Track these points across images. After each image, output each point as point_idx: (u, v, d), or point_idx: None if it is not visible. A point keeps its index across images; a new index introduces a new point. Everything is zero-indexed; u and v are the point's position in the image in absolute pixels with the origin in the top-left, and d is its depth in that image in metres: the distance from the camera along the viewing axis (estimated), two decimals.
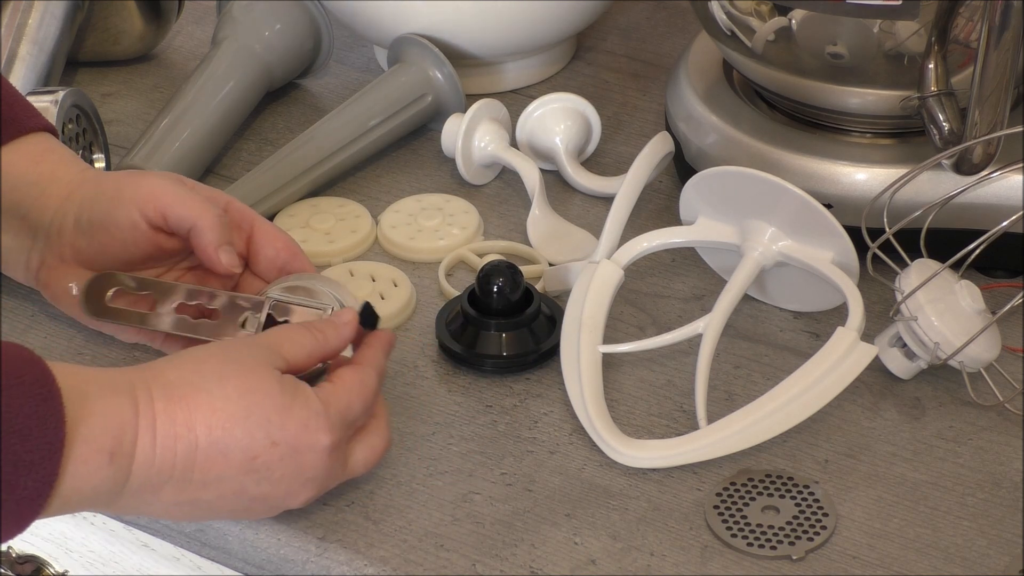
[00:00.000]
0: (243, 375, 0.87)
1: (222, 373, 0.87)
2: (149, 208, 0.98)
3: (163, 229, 0.99)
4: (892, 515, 0.93)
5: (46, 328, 1.07)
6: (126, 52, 1.34)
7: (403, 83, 1.23)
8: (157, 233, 0.99)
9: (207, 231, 0.98)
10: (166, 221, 0.98)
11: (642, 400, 1.01)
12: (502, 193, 1.19)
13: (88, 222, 0.99)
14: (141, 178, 1.00)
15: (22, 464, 0.79)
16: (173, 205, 0.98)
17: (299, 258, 1.03)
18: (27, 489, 0.80)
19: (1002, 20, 0.97)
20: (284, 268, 1.02)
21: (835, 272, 1.01)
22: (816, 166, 1.08)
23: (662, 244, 1.06)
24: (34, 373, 0.81)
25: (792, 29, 1.06)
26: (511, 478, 0.96)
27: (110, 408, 0.84)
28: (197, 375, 0.87)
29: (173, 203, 0.98)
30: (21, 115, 1.03)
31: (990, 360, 0.98)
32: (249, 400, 0.87)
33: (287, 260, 1.02)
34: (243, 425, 0.86)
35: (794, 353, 1.03)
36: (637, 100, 1.30)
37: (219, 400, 0.86)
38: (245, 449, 0.86)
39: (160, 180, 1.00)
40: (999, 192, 1.05)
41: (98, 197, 0.99)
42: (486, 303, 1.03)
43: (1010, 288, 1.07)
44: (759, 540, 0.91)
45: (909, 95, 1.04)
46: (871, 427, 0.99)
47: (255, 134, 1.26)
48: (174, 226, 0.98)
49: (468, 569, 0.90)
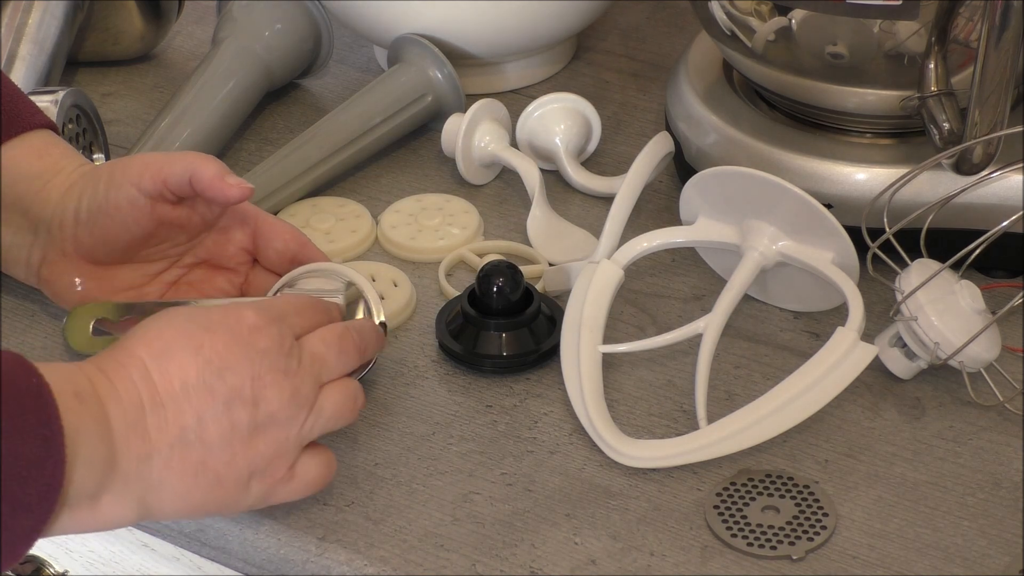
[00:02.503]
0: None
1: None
2: (145, 180, 0.98)
3: (164, 198, 0.99)
4: (892, 515, 0.93)
5: (46, 328, 1.07)
6: (126, 52, 1.34)
7: (403, 83, 1.23)
8: (158, 205, 0.99)
9: (206, 167, 0.97)
10: (165, 184, 0.98)
11: (642, 400, 1.01)
12: (502, 193, 1.19)
13: (87, 210, 0.99)
14: (131, 158, 1.00)
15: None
16: (166, 165, 0.98)
17: (308, 248, 1.03)
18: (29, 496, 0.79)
19: (1002, 20, 0.97)
20: (295, 259, 1.03)
21: (835, 272, 1.01)
22: (816, 166, 1.08)
23: (662, 244, 1.06)
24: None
25: (792, 29, 1.06)
26: (511, 478, 0.96)
27: (56, 368, 0.83)
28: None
29: (164, 164, 0.98)
30: (24, 112, 1.03)
31: (990, 360, 0.98)
32: (170, 317, 0.87)
33: (296, 251, 1.03)
34: (173, 327, 0.87)
35: (794, 353, 1.03)
36: (637, 100, 1.30)
37: (148, 334, 0.87)
38: (185, 340, 0.86)
39: (148, 154, 1.01)
40: (999, 192, 1.05)
41: (94, 185, 0.99)
42: (486, 303, 1.03)
43: (1010, 288, 1.07)
44: (759, 540, 0.91)
45: (909, 95, 1.04)
46: (871, 427, 0.99)
47: (255, 134, 1.26)
48: (174, 185, 0.98)
49: (468, 569, 0.90)
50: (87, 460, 0.82)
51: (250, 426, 0.87)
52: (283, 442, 0.88)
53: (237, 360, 0.87)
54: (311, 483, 0.91)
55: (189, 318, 0.88)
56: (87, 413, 0.82)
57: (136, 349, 0.86)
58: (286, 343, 0.89)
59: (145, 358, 0.86)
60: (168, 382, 0.85)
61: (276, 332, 0.89)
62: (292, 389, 0.88)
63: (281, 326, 0.89)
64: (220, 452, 0.86)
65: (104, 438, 0.83)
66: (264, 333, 0.88)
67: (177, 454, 0.85)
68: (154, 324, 0.87)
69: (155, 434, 0.85)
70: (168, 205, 0.99)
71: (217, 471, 0.87)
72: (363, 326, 0.95)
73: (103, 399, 0.84)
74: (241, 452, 0.87)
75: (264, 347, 0.88)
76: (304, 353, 0.90)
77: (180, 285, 1.04)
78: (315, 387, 0.90)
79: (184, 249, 1.03)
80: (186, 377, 0.86)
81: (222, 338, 0.87)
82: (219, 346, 0.87)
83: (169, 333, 0.87)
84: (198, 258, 1.04)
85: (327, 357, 0.91)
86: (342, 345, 0.92)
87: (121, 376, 0.85)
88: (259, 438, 0.88)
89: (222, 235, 1.04)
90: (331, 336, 0.92)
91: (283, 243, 1.03)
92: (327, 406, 0.90)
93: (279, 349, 0.88)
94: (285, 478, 0.89)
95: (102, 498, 0.84)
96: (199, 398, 0.86)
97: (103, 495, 0.84)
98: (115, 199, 0.98)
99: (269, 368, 0.88)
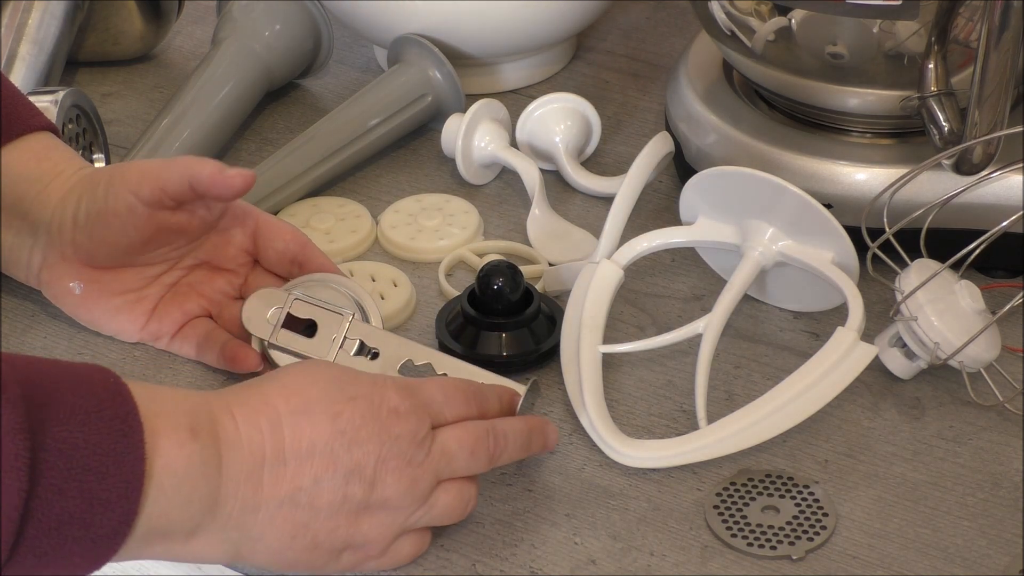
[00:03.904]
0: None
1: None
2: (144, 188, 0.97)
3: (163, 205, 0.98)
4: (892, 515, 0.93)
5: (46, 328, 1.07)
6: (126, 52, 1.34)
7: (403, 83, 1.23)
8: (157, 211, 0.98)
9: (203, 167, 0.97)
10: (164, 191, 0.97)
11: (642, 400, 1.01)
12: (502, 193, 1.19)
13: (85, 215, 0.99)
14: (129, 165, 1.00)
15: (98, 499, 0.78)
16: (163, 171, 0.97)
17: (308, 248, 1.03)
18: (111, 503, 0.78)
19: (1002, 20, 0.97)
20: (295, 260, 1.03)
21: (835, 272, 1.01)
22: (816, 166, 1.08)
23: (662, 244, 1.06)
24: (115, 403, 0.80)
25: (792, 29, 1.06)
26: (511, 478, 0.96)
27: (180, 397, 0.84)
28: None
29: (162, 171, 0.97)
30: (24, 114, 1.03)
31: (990, 360, 0.98)
32: (314, 374, 0.87)
33: (297, 252, 1.03)
34: (317, 387, 0.86)
35: (794, 353, 1.03)
36: (637, 100, 1.30)
37: (289, 386, 0.86)
38: (326, 405, 0.85)
39: (145, 162, 1.00)
40: (999, 192, 1.05)
41: (92, 190, 0.99)
42: (486, 303, 1.03)
43: (1010, 288, 1.07)
44: (759, 540, 0.91)
45: (909, 95, 1.04)
46: (871, 427, 0.99)
47: (255, 134, 1.26)
48: (173, 192, 0.97)
49: (468, 569, 0.90)
50: (185, 496, 0.81)
51: (361, 504, 0.86)
52: (387, 526, 0.88)
53: (368, 438, 0.86)
54: (400, 560, 0.90)
55: (334, 381, 0.87)
56: (197, 450, 0.81)
57: (274, 399, 0.85)
58: (420, 434, 0.87)
59: (282, 411, 0.85)
60: (297, 440, 0.85)
61: (414, 421, 0.87)
62: (411, 480, 0.87)
63: (421, 415, 0.88)
64: (325, 520, 0.86)
65: (209, 479, 0.82)
66: (402, 419, 0.87)
67: (284, 512, 0.85)
68: (298, 378, 0.87)
69: (268, 487, 0.84)
70: (167, 211, 0.99)
71: (316, 536, 0.86)
72: (509, 430, 0.92)
73: (220, 440, 0.83)
74: (344, 525, 0.86)
75: (398, 433, 0.87)
76: (435, 446, 0.88)
77: (180, 286, 1.04)
78: (434, 482, 0.88)
79: (184, 251, 1.03)
80: (316, 440, 0.85)
81: (361, 412, 0.86)
82: (356, 419, 0.86)
83: (312, 393, 0.86)
84: (198, 260, 1.04)
85: (456, 457, 0.89)
86: (476, 448, 0.89)
87: (251, 422, 0.84)
88: (366, 517, 0.87)
89: (222, 236, 1.03)
90: (468, 438, 0.89)
91: (283, 243, 1.03)
92: (439, 504, 0.89)
93: (411, 438, 0.87)
94: (377, 555, 0.88)
95: (197, 535, 0.83)
96: (322, 463, 0.85)
97: (199, 532, 0.83)
98: (114, 206, 0.98)
99: (396, 454, 0.86)
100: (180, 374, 1.03)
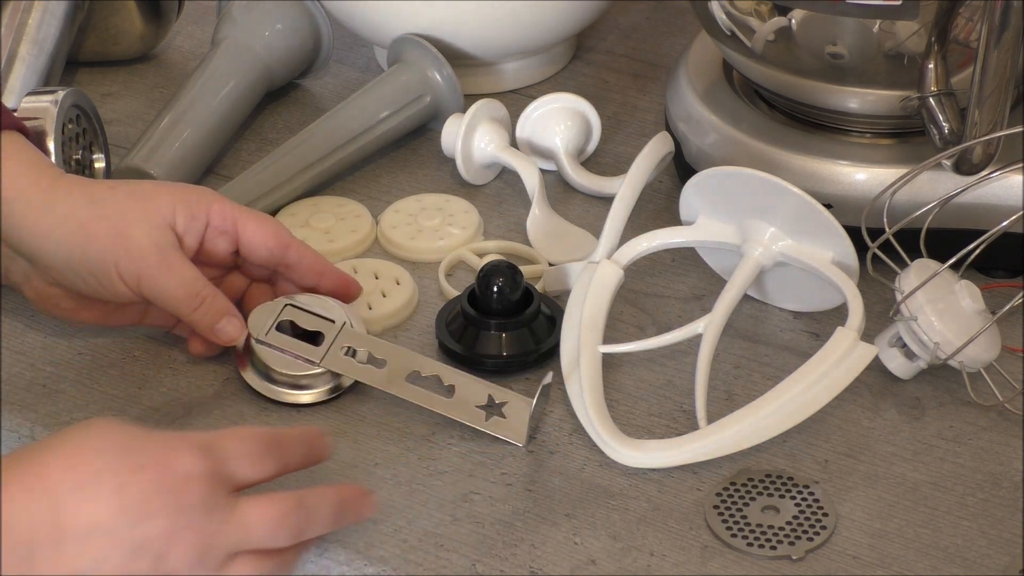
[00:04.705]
0: None
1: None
2: (131, 283, 0.98)
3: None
4: (892, 515, 0.93)
5: (46, 328, 1.07)
6: (126, 52, 1.34)
7: (402, 83, 1.23)
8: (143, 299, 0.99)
9: (188, 315, 0.98)
10: (157, 301, 0.98)
11: (642, 400, 1.01)
12: (502, 193, 1.19)
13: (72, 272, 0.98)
14: (125, 240, 0.98)
15: None
16: (152, 280, 0.97)
17: (292, 247, 1.02)
18: None
19: (1002, 20, 0.97)
20: (280, 262, 1.02)
21: (835, 272, 1.01)
22: (816, 166, 1.08)
23: (662, 244, 1.06)
24: None
25: (792, 29, 1.06)
26: (511, 478, 0.96)
27: None
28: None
29: (153, 279, 0.97)
30: None
31: (990, 360, 0.98)
32: (101, 441, 0.82)
33: (281, 256, 1.02)
34: (102, 458, 0.81)
35: (794, 353, 1.03)
36: (637, 100, 1.30)
37: (73, 456, 0.81)
38: (110, 476, 0.80)
39: (146, 244, 0.98)
40: (999, 192, 1.05)
41: (82, 251, 0.97)
42: (486, 303, 1.03)
43: (1010, 288, 1.07)
44: (759, 540, 0.91)
45: (909, 95, 1.04)
46: (871, 427, 0.99)
47: (255, 134, 1.26)
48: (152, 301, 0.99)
49: (468, 569, 0.90)
50: None
51: None
52: None
53: (157, 510, 0.81)
54: None
55: (121, 450, 0.81)
56: None
57: (54, 473, 0.80)
58: (213, 500, 0.82)
59: (59, 490, 0.80)
60: (75, 520, 0.80)
61: (207, 488, 0.82)
62: (203, 551, 0.82)
63: (216, 481, 0.82)
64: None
65: None
66: (195, 487, 0.82)
67: None
68: (83, 446, 0.81)
69: (44, 568, 0.79)
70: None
71: None
72: (319, 504, 0.86)
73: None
74: None
75: (189, 504, 0.81)
76: (233, 517, 0.83)
77: None
78: (228, 554, 0.83)
79: None
80: (97, 519, 0.80)
81: (150, 482, 0.81)
82: (143, 491, 0.81)
83: (97, 464, 0.80)
84: None
85: (255, 531, 0.83)
86: (281, 522, 0.84)
87: (20, 506, 0.79)
88: None
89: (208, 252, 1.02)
90: (272, 511, 0.84)
91: (267, 251, 1.02)
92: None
93: (203, 507, 0.82)
94: None
95: None
96: (105, 542, 0.80)
97: None
98: (102, 281, 0.98)
99: (186, 524, 0.81)
100: (180, 374, 1.03)
